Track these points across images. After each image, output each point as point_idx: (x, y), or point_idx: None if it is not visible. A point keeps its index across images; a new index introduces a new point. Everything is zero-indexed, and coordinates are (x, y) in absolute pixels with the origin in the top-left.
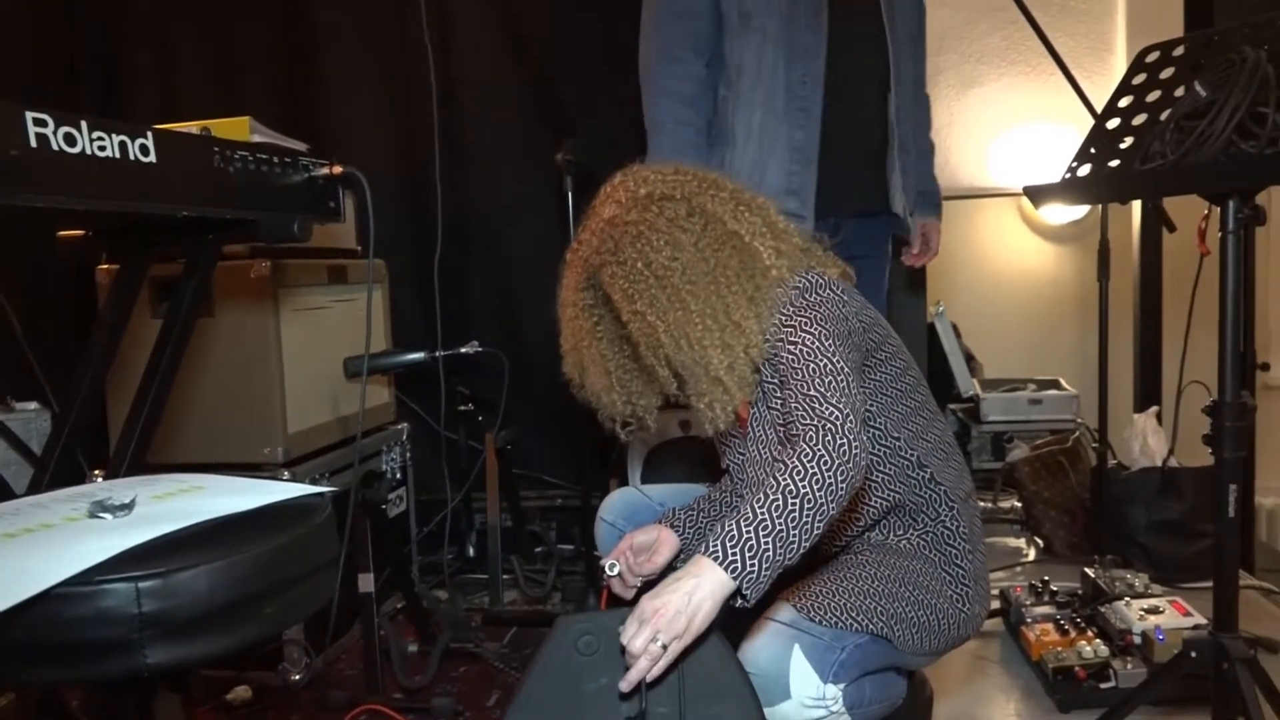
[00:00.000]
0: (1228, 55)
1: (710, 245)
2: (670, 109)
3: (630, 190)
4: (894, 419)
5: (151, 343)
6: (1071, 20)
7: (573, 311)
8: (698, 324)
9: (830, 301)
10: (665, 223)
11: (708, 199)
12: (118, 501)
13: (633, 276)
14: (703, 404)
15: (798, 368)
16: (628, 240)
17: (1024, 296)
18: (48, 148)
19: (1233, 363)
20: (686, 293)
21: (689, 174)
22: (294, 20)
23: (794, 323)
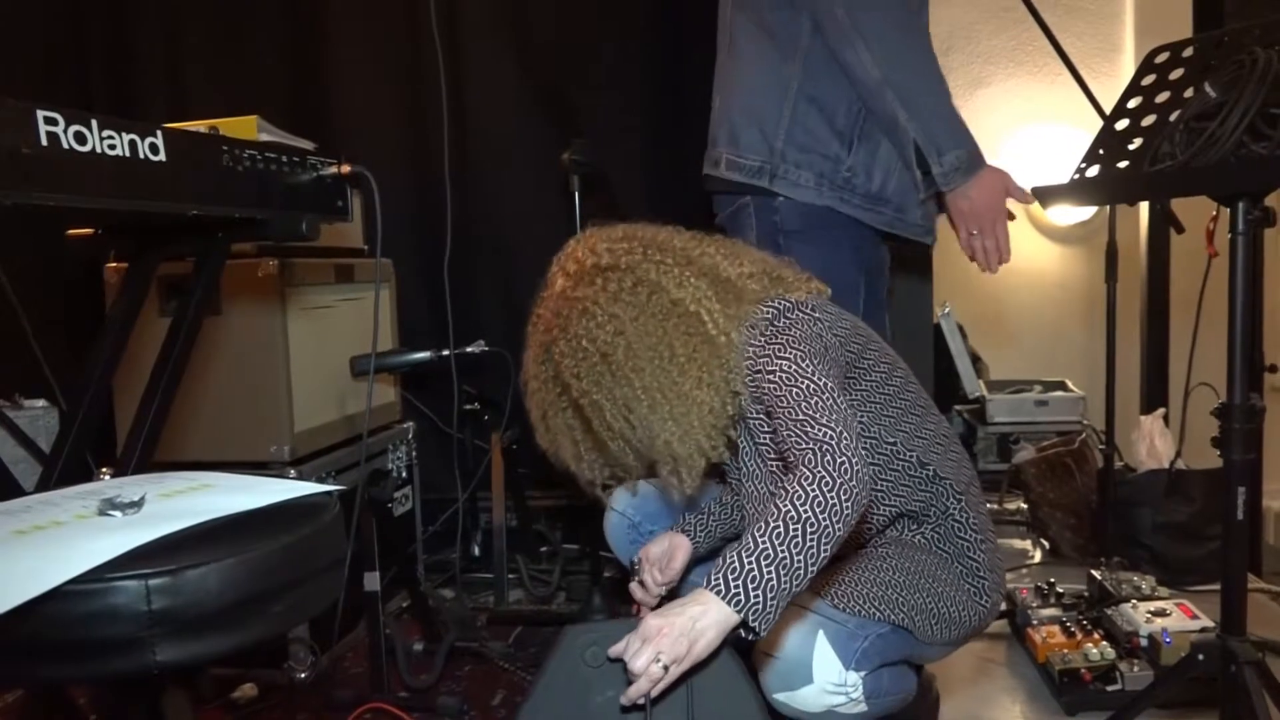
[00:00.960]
0: (1238, 56)
1: (655, 317)
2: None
3: (579, 261)
4: (887, 424)
5: (158, 341)
6: (1079, 21)
7: (535, 384)
8: (643, 400)
9: (801, 322)
10: (608, 298)
11: (652, 267)
12: (127, 499)
13: (578, 355)
14: (665, 472)
15: (782, 395)
16: (574, 316)
17: (1031, 298)
18: (59, 146)
19: (1241, 365)
20: (630, 369)
21: (636, 239)
22: (304, 20)
23: (768, 353)
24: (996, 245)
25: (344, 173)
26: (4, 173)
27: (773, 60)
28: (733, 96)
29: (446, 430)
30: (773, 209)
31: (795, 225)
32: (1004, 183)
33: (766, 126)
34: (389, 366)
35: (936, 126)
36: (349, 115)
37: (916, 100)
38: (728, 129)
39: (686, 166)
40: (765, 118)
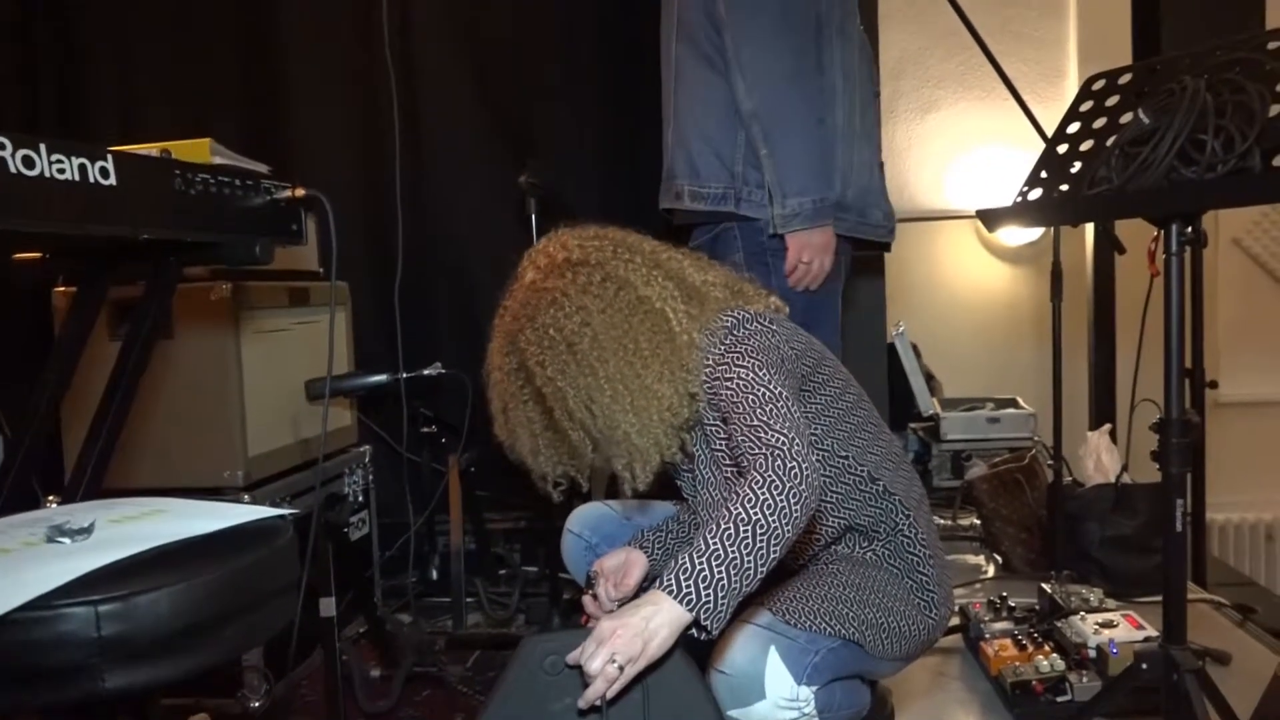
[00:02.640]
0: (1169, 84)
1: (621, 311)
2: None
3: (550, 256)
4: (840, 438)
5: (108, 364)
6: (1025, 46)
7: (498, 375)
8: (606, 390)
9: (759, 333)
10: (577, 290)
11: (621, 264)
12: (76, 526)
13: (544, 343)
14: (620, 465)
15: (737, 401)
16: (543, 306)
17: (982, 317)
18: (5, 170)
19: (1177, 380)
20: (594, 359)
21: (607, 239)
22: (257, 43)
23: (726, 360)
24: (818, 274)
25: (298, 196)
26: None
27: (717, 87)
28: (684, 125)
29: (402, 454)
30: (758, 229)
31: (780, 245)
32: (832, 240)
33: (723, 151)
34: (345, 390)
35: (789, 170)
36: (302, 137)
37: (776, 141)
38: (685, 160)
39: (641, 189)
40: (720, 143)
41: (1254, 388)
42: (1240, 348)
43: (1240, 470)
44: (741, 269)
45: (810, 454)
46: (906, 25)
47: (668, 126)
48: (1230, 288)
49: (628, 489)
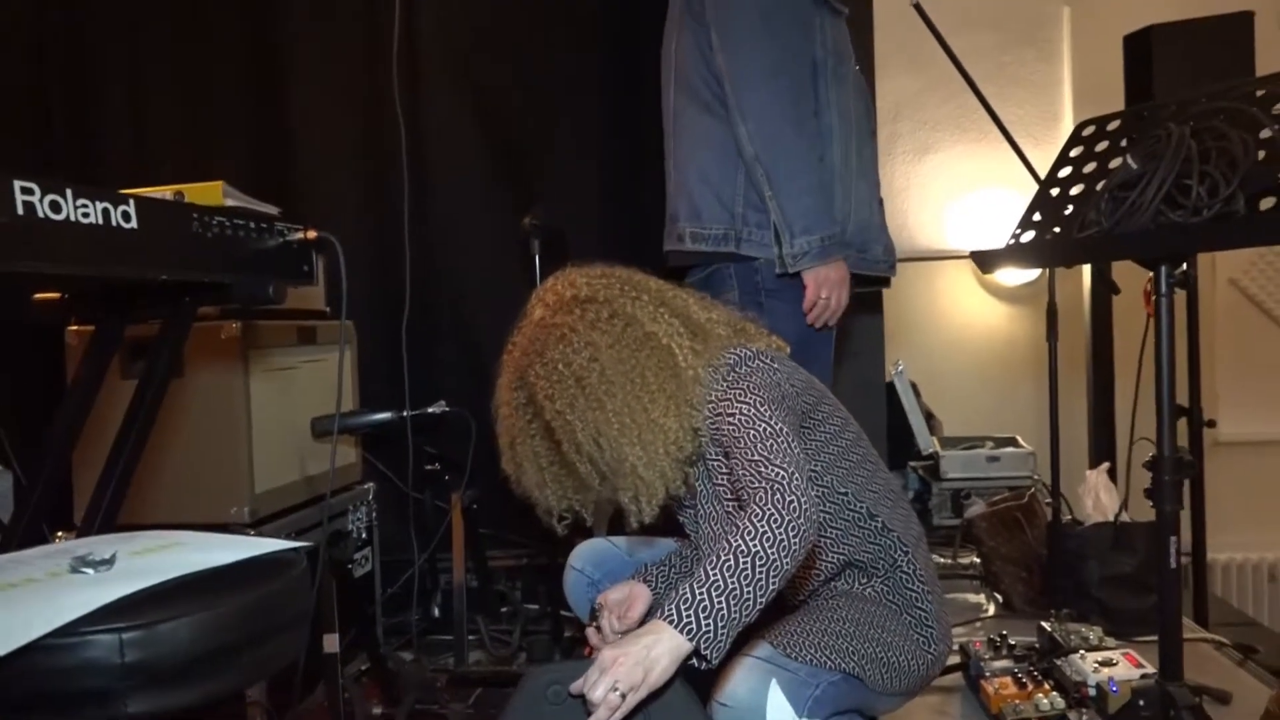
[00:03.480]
0: (1155, 131)
1: (629, 347)
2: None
3: (558, 294)
4: (839, 474)
5: (119, 402)
6: (1021, 90)
7: (506, 410)
8: (614, 423)
9: (760, 370)
10: (586, 325)
11: (628, 301)
12: (99, 557)
13: (553, 377)
14: (626, 498)
15: (739, 437)
16: (552, 341)
17: (981, 356)
18: (34, 215)
19: (1169, 418)
20: (604, 392)
21: (614, 276)
22: (268, 86)
23: (729, 396)
24: (837, 309)
25: (309, 238)
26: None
27: (716, 133)
28: (686, 171)
29: (406, 491)
30: (753, 270)
31: (775, 284)
32: (846, 274)
33: (723, 194)
34: (351, 427)
35: (794, 211)
36: (312, 179)
37: (780, 182)
38: (686, 203)
39: (645, 229)
40: (721, 186)
41: (1254, 427)
42: (1239, 387)
43: (1241, 510)
44: (735, 307)
45: (809, 488)
46: (903, 69)
47: (670, 172)
48: (1228, 328)
49: (633, 521)
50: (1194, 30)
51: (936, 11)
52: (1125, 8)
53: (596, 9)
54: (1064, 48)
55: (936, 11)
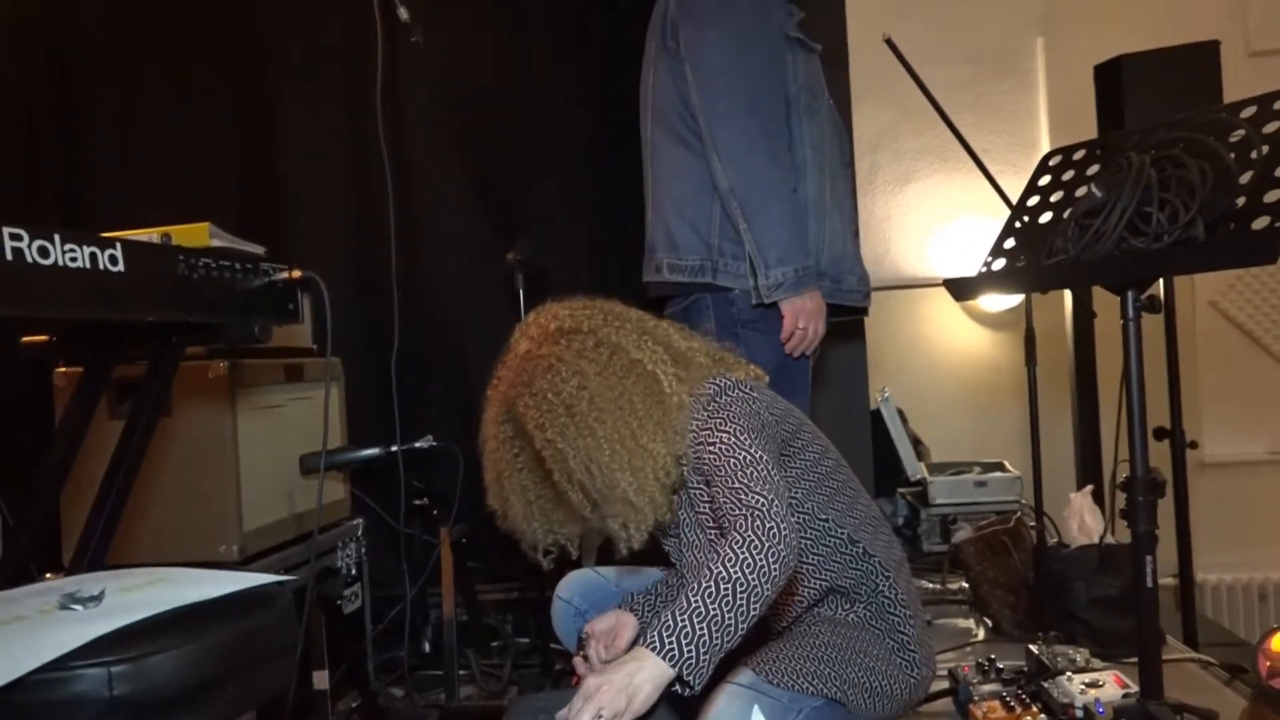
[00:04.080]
0: (1117, 160)
1: (616, 374)
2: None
3: (542, 326)
4: (820, 501)
5: (105, 442)
6: (998, 120)
7: (493, 444)
8: (605, 450)
9: (740, 400)
10: (573, 355)
11: (612, 330)
12: (87, 594)
13: (543, 407)
14: (616, 525)
15: (720, 465)
16: (539, 372)
17: (967, 382)
18: (23, 260)
19: (1141, 440)
20: (594, 420)
21: (596, 308)
22: (254, 125)
23: (709, 425)
24: (814, 339)
25: (295, 277)
26: None
27: (692, 166)
28: (663, 203)
29: (395, 526)
30: (729, 301)
31: (750, 315)
32: (822, 304)
33: (700, 226)
34: (340, 463)
35: (768, 242)
36: (297, 217)
37: (754, 214)
38: (664, 235)
39: (625, 264)
40: (697, 218)
41: (1239, 448)
42: (1223, 409)
43: (1230, 530)
44: (712, 337)
45: (789, 515)
46: (882, 101)
47: (649, 205)
48: (1210, 349)
49: (623, 548)
50: (1162, 60)
51: (913, 45)
52: (1097, 38)
53: (576, 48)
54: (1039, 78)
55: (913, 45)
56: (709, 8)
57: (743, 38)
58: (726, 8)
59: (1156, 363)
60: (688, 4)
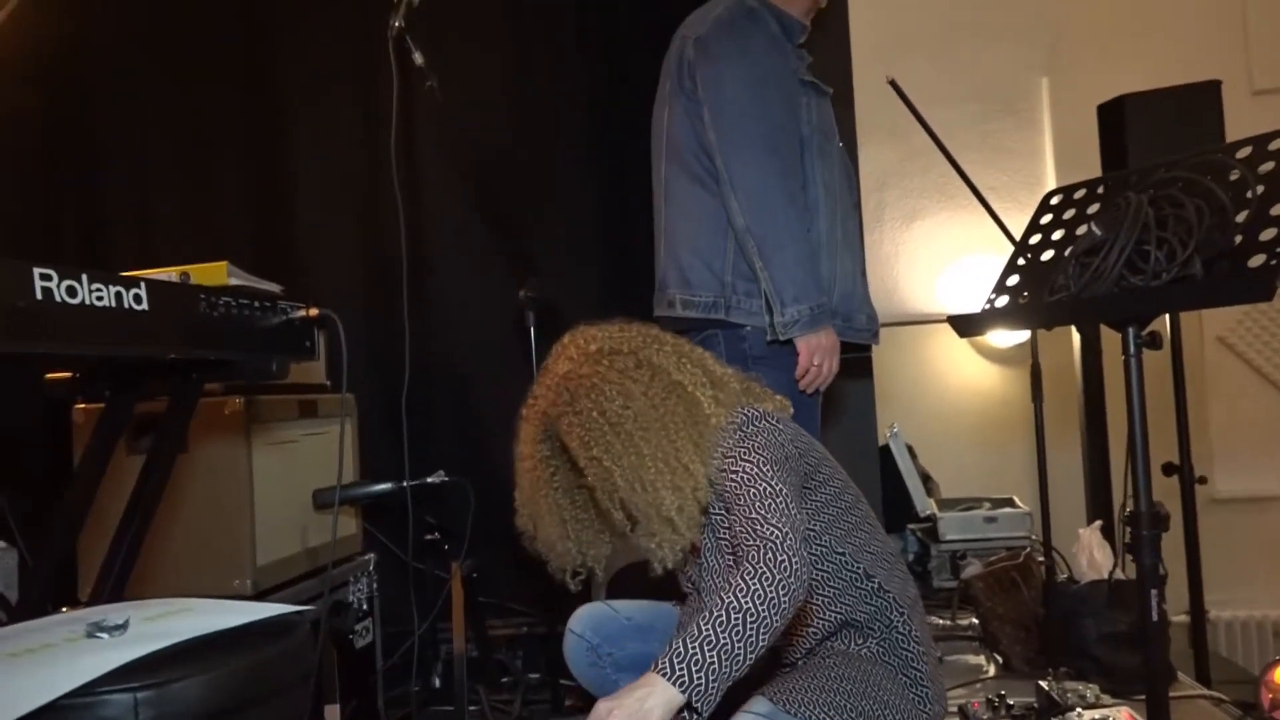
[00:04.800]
0: (1116, 199)
1: (658, 394)
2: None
3: (581, 347)
4: (838, 534)
5: (123, 477)
6: (1004, 158)
7: (530, 464)
8: (650, 468)
9: (766, 431)
10: (616, 374)
11: (653, 352)
12: (112, 622)
13: (589, 425)
14: (653, 543)
15: (740, 494)
16: (582, 392)
17: (976, 417)
18: (52, 300)
19: (1144, 474)
20: (639, 438)
21: (633, 329)
22: (269, 164)
23: (734, 453)
24: (828, 376)
25: (312, 315)
26: (4, 326)
27: (706, 203)
28: (676, 240)
29: (406, 561)
30: (741, 337)
31: (762, 351)
32: (836, 341)
33: (713, 263)
34: (353, 498)
35: (784, 280)
36: (312, 255)
37: (770, 253)
38: (677, 271)
39: (635, 300)
40: (711, 255)
41: (1251, 483)
42: (1234, 444)
43: (1243, 567)
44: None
45: (802, 549)
46: (888, 140)
47: (660, 241)
48: (1219, 385)
49: (658, 567)
50: (1164, 99)
51: (920, 84)
52: (1101, 78)
53: (587, 88)
54: (1044, 116)
55: (920, 84)
56: (726, 50)
57: (759, 80)
58: (743, 51)
59: (1165, 399)
60: (705, 46)
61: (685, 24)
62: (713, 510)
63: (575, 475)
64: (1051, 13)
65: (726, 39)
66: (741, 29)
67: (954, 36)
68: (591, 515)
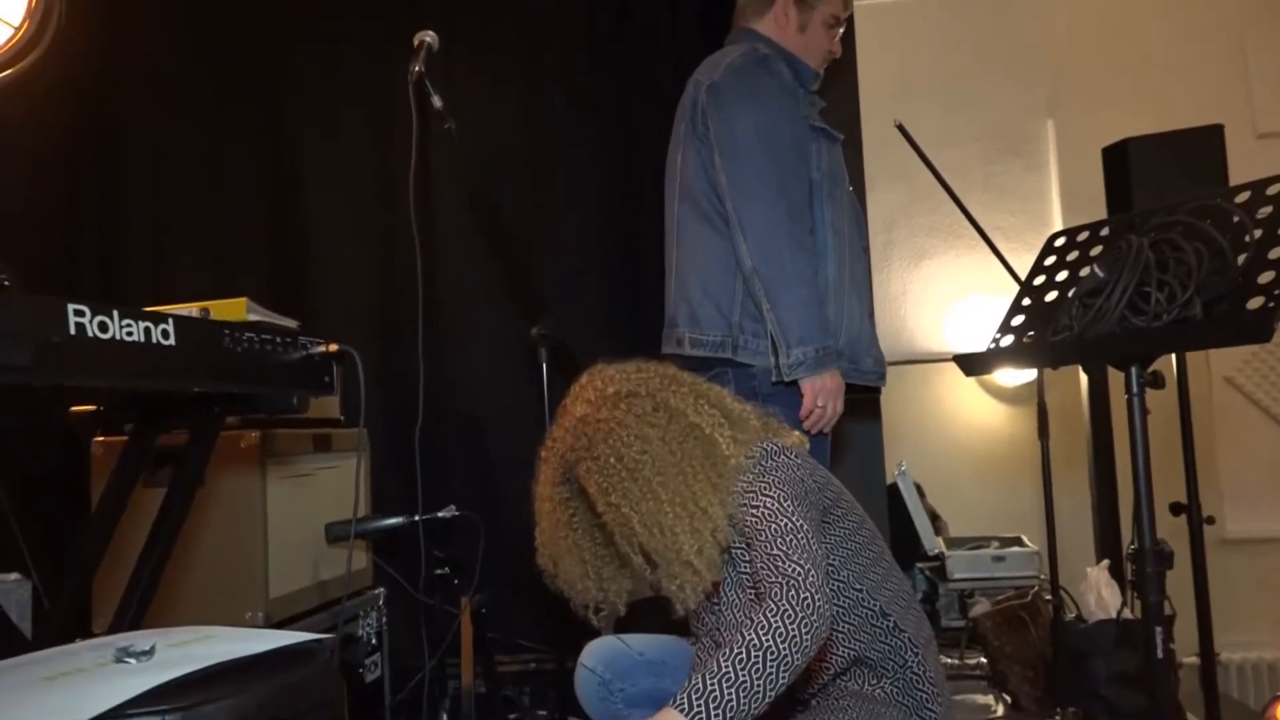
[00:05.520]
0: (1118, 241)
1: (675, 438)
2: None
3: (598, 389)
4: (855, 570)
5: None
6: (1011, 199)
7: (549, 506)
8: (668, 512)
9: (786, 466)
10: (634, 419)
11: (670, 394)
12: (140, 648)
13: (606, 471)
14: (674, 585)
15: (761, 529)
16: (600, 436)
17: (984, 456)
18: (85, 334)
19: (1148, 511)
20: (657, 483)
21: (651, 370)
22: (287, 203)
23: (755, 488)
24: (833, 417)
25: (331, 351)
26: (39, 359)
27: (716, 245)
28: (687, 279)
29: (416, 596)
30: (751, 376)
31: (770, 390)
32: (841, 383)
33: (722, 303)
34: (366, 532)
35: (790, 322)
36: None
37: (777, 295)
38: (686, 310)
39: (644, 338)
40: (720, 295)
41: (1261, 524)
42: (1244, 485)
43: (1254, 608)
44: None
45: (824, 585)
46: (896, 180)
47: (671, 279)
48: (1227, 426)
49: (679, 608)
50: (1167, 142)
51: (927, 126)
52: (1106, 119)
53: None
54: (1050, 158)
55: (927, 126)
56: (738, 96)
57: (769, 126)
58: (754, 97)
59: (1173, 439)
60: (718, 92)
61: (700, 69)
62: (734, 544)
63: (594, 516)
64: (1056, 56)
65: (739, 85)
66: (753, 76)
67: (960, 80)
68: (611, 553)
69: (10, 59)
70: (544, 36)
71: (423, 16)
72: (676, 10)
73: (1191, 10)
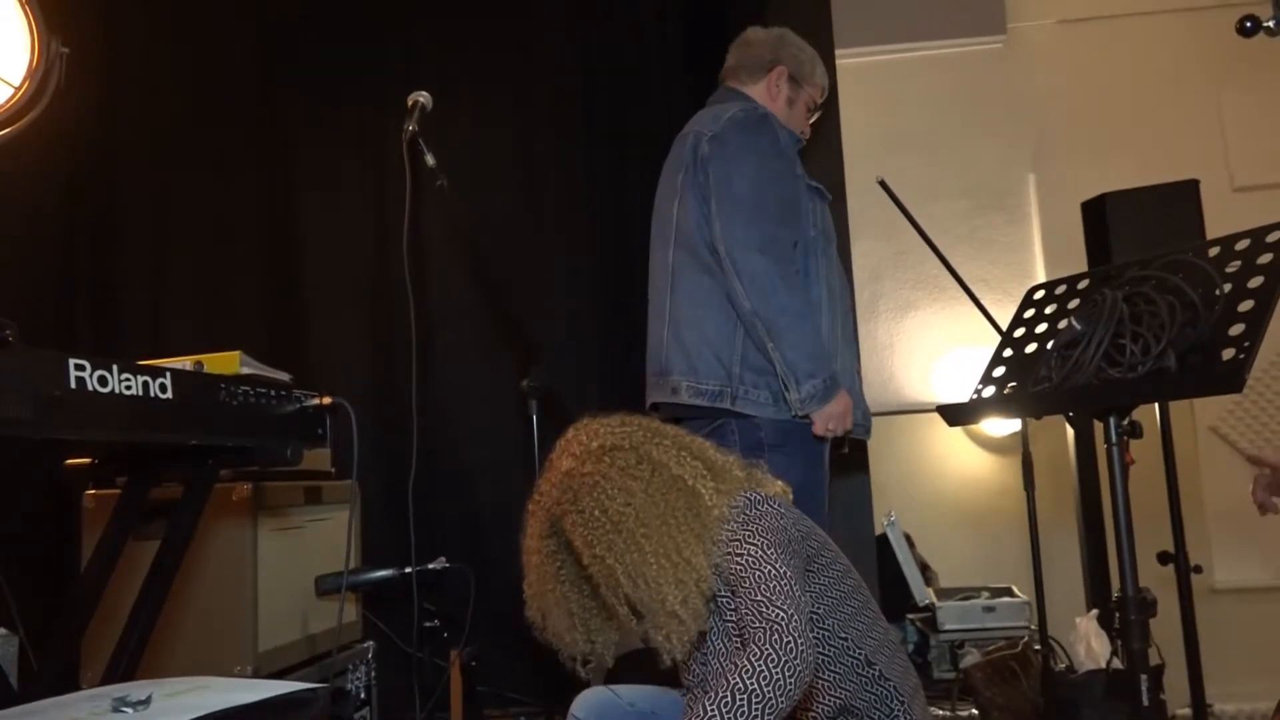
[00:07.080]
0: (1094, 295)
1: (659, 490)
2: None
3: (583, 443)
4: (840, 619)
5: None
6: (994, 251)
7: (537, 559)
8: (652, 564)
9: (769, 515)
10: (617, 472)
11: (653, 447)
12: (136, 698)
13: (591, 524)
14: (660, 636)
15: (745, 576)
16: (585, 490)
17: (973, 506)
18: (85, 388)
19: (1130, 559)
20: (641, 535)
21: (634, 424)
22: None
23: (739, 536)
24: (842, 433)
25: (325, 404)
26: (40, 413)
27: (714, 292)
28: (682, 327)
29: (405, 649)
30: (755, 426)
31: (776, 440)
32: (849, 404)
33: (721, 353)
34: (356, 584)
35: (796, 357)
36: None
37: (780, 332)
38: (683, 358)
39: (638, 385)
40: (719, 345)
41: (1250, 574)
42: (1231, 535)
43: (1245, 658)
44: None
45: (808, 631)
46: (882, 233)
47: (662, 326)
48: (1214, 475)
49: (666, 659)
50: (1145, 197)
51: (910, 181)
52: (1087, 173)
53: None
54: (1032, 212)
55: (910, 181)
56: (741, 149)
57: (766, 178)
58: (753, 150)
59: (1160, 489)
60: (722, 143)
61: (695, 123)
62: (719, 594)
63: (581, 568)
64: (1037, 111)
65: (741, 139)
66: (756, 131)
67: (944, 135)
68: (599, 605)
69: (10, 118)
70: (534, 91)
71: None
72: (667, 63)
73: (1168, 69)
